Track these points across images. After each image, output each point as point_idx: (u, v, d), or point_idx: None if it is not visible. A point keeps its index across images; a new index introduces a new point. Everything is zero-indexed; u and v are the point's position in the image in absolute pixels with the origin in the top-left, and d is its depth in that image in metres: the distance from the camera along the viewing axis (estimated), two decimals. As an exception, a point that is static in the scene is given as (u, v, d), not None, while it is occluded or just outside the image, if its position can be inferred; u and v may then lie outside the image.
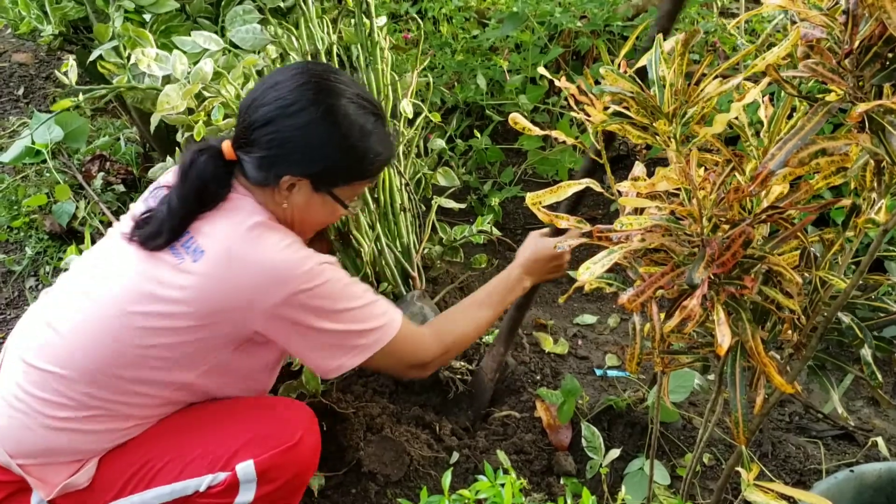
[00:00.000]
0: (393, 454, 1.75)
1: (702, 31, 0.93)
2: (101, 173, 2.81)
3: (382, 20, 2.12)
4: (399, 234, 2.16)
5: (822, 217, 2.34)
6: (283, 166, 1.30)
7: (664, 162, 0.99)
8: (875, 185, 0.92)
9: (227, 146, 1.35)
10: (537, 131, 1.18)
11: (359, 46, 2.05)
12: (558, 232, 1.66)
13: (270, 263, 1.26)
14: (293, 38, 1.95)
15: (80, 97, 1.87)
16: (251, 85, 1.90)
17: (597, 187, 1.11)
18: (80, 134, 2.89)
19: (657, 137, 1.00)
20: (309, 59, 1.95)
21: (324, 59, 1.98)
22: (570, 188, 1.10)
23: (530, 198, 1.11)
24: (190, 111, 1.84)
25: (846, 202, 1.02)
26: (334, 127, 1.30)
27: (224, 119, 1.75)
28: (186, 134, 1.88)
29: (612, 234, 1.01)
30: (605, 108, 1.06)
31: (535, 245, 1.63)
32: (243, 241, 1.28)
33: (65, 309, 1.33)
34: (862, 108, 0.77)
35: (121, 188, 2.75)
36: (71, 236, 2.61)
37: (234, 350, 1.33)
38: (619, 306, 1.00)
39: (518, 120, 1.19)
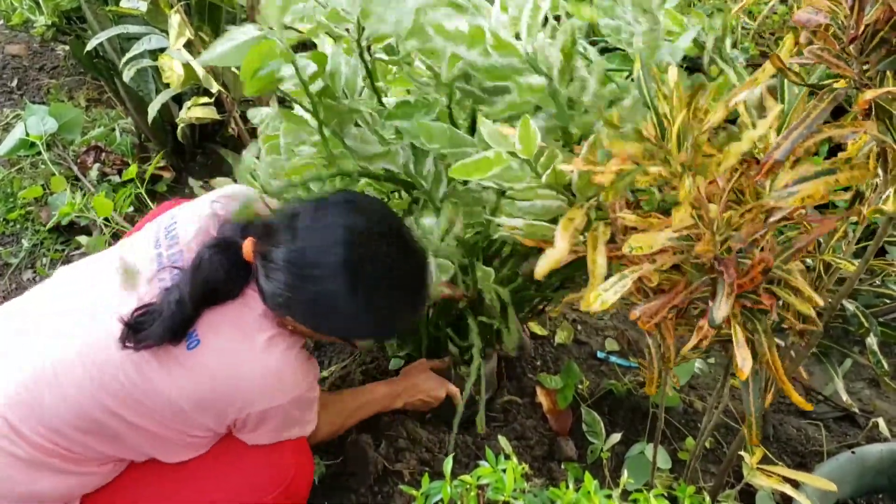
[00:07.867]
0: (360, 461, 1.74)
1: (707, 85, 0.89)
2: (97, 164, 2.79)
3: None
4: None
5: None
6: (289, 312, 1.18)
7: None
8: (880, 172, 0.91)
9: (248, 247, 1.18)
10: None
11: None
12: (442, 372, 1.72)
13: (274, 371, 1.19)
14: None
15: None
16: None
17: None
18: (74, 125, 2.88)
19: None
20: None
21: None
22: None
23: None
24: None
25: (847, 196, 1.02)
26: (354, 306, 1.15)
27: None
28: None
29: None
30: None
31: (420, 376, 1.68)
32: (248, 343, 1.18)
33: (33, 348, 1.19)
34: (870, 94, 0.76)
35: (116, 179, 2.73)
36: (68, 228, 2.60)
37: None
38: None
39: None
